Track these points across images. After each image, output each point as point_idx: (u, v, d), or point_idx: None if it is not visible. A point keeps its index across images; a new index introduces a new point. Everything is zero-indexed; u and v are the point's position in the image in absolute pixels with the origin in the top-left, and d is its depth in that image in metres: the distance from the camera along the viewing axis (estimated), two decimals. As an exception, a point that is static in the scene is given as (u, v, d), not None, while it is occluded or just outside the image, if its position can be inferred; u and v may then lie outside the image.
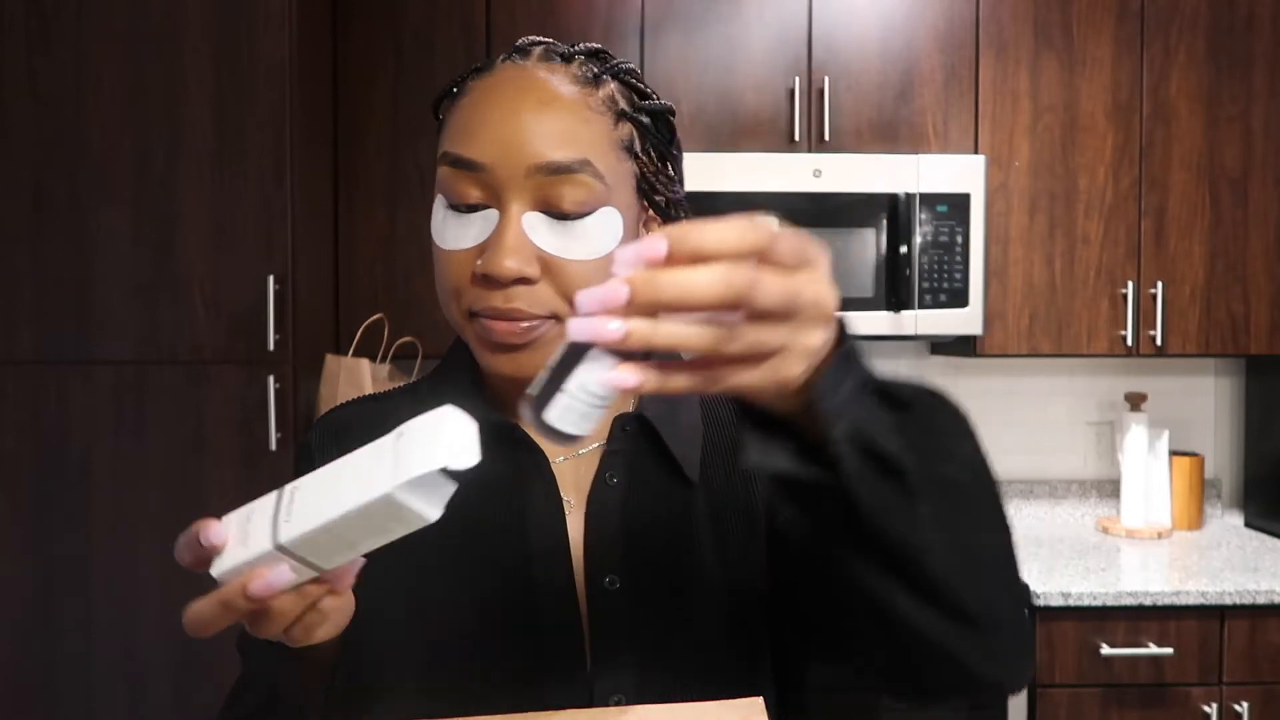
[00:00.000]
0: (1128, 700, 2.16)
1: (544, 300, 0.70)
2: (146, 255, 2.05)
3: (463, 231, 0.71)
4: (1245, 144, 2.50)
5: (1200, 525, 2.76)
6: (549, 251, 0.70)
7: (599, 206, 0.71)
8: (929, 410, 0.58)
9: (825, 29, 2.46)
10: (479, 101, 0.72)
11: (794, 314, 0.50)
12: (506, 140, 0.69)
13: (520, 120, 0.69)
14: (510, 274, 0.68)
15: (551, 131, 0.69)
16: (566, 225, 0.70)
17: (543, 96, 0.70)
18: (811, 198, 2.37)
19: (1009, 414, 2.84)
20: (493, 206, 0.70)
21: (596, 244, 0.70)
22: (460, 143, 0.71)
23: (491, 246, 0.69)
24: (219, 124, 2.06)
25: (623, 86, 0.75)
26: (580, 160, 0.69)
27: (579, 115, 0.71)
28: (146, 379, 2.05)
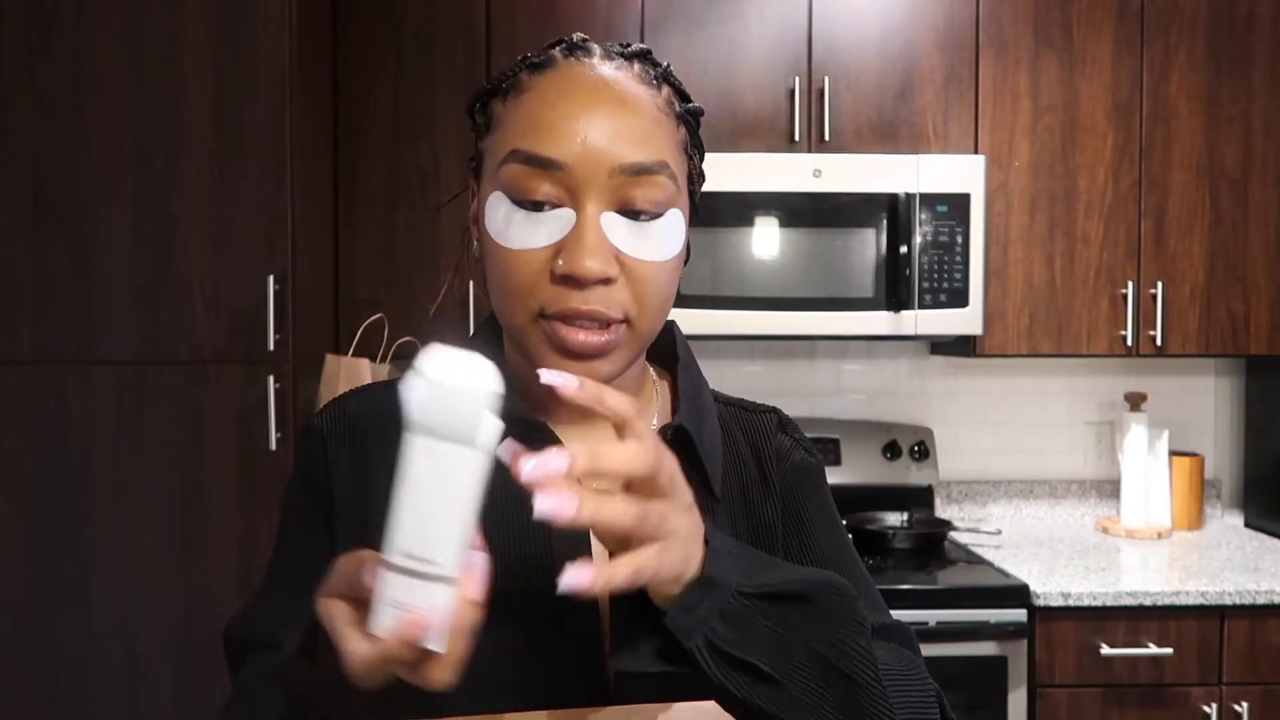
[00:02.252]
0: (1128, 700, 2.16)
1: (620, 301, 0.70)
2: (146, 255, 2.05)
3: (533, 230, 0.70)
4: (1245, 144, 2.50)
5: (1200, 525, 2.76)
6: (625, 252, 0.70)
7: (671, 207, 0.72)
8: (802, 614, 0.65)
9: (825, 29, 2.46)
10: (550, 98, 0.70)
11: (656, 538, 0.59)
12: (588, 139, 0.68)
13: (601, 118, 0.69)
14: (595, 274, 0.67)
15: (632, 131, 0.69)
16: (641, 226, 0.70)
17: (621, 96, 0.70)
18: (811, 198, 2.37)
19: (1009, 414, 2.84)
20: (567, 205, 0.69)
21: (668, 244, 0.72)
22: (535, 140, 0.69)
23: (572, 246, 0.68)
24: (219, 124, 2.06)
25: (672, 90, 0.76)
26: (660, 161, 0.70)
27: (653, 116, 0.71)
28: (146, 379, 2.05)
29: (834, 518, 0.86)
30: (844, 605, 0.67)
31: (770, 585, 0.64)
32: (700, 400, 0.81)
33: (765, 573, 0.65)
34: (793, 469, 0.84)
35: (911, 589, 2.17)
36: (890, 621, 0.84)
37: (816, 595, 0.66)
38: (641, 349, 0.74)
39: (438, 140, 2.43)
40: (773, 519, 0.82)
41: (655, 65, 0.75)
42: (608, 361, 0.71)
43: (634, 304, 0.70)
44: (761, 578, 0.64)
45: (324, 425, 0.80)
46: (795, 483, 0.84)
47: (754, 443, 0.84)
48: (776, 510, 0.82)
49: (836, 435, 2.71)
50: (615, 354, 0.71)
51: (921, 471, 2.71)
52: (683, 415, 0.78)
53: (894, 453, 2.70)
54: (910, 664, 0.79)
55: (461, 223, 0.83)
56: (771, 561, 0.68)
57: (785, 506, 0.82)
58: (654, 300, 0.71)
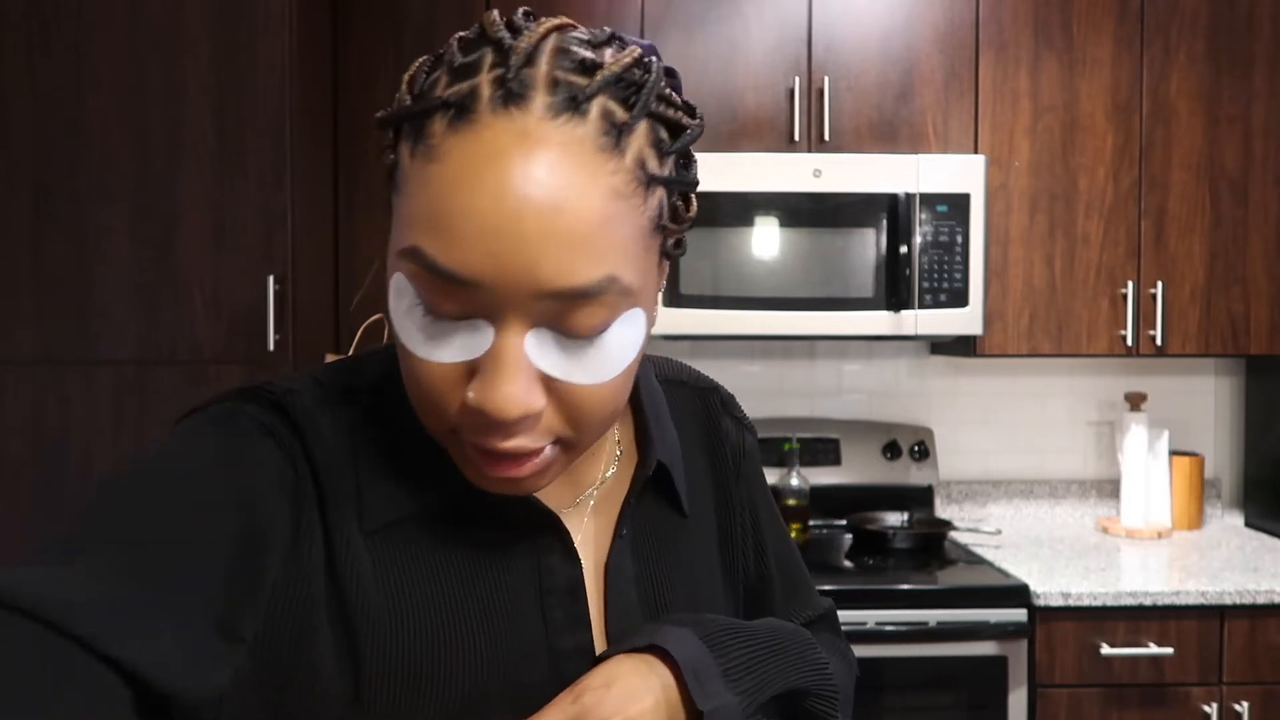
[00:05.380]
0: (1128, 700, 2.16)
1: (549, 428, 0.57)
2: (146, 255, 2.05)
3: (442, 340, 0.55)
4: (1245, 144, 2.50)
5: (1200, 525, 2.76)
6: (557, 376, 0.56)
7: (620, 316, 0.56)
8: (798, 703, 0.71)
9: (825, 29, 2.46)
10: (461, 182, 0.52)
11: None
12: (505, 256, 0.51)
13: (525, 229, 0.51)
14: (513, 414, 0.54)
15: (567, 246, 0.52)
16: (580, 344, 0.55)
17: (555, 190, 0.51)
18: (811, 198, 2.37)
19: (1009, 414, 2.85)
20: (484, 319, 0.54)
21: (616, 360, 0.57)
22: (440, 245, 0.52)
23: (487, 376, 0.54)
24: (219, 124, 2.06)
25: (654, 126, 0.57)
26: (604, 280, 0.53)
27: (604, 214, 0.53)
28: (146, 379, 2.05)
29: (772, 500, 0.87)
30: (822, 680, 0.72)
31: (769, 694, 0.68)
32: (659, 410, 0.75)
33: (752, 675, 0.68)
34: (745, 460, 0.82)
35: (911, 589, 2.17)
36: (822, 607, 0.88)
37: (803, 684, 0.71)
38: (585, 450, 0.62)
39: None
40: (733, 516, 0.81)
41: (633, 90, 0.55)
42: (540, 480, 0.60)
43: (569, 428, 0.58)
44: (755, 685, 0.67)
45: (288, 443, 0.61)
46: (747, 474, 0.83)
47: (705, 430, 0.80)
48: (735, 505, 0.81)
49: (836, 435, 2.71)
50: (549, 473, 0.60)
51: (921, 471, 2.71)
52: (658, 447, 0.72)
53: (894, 453, 2.70)
54: (838, 654, 0.83)
55: None
56: (747, 641, 0.70)
57: (741, 502, 0.82)
58: (595, 420, 0.58)
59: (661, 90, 0.57)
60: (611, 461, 0.72)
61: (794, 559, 0.86)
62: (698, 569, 0.76)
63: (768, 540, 0.83)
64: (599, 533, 0.71)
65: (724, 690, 0.64)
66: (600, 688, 0.62)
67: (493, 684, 0.63)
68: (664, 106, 0.57)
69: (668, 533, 0.74)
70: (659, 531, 0.73)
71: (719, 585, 0.78)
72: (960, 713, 2.14)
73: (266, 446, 0.60)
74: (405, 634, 0.61)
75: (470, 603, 0.63)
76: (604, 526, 0.71)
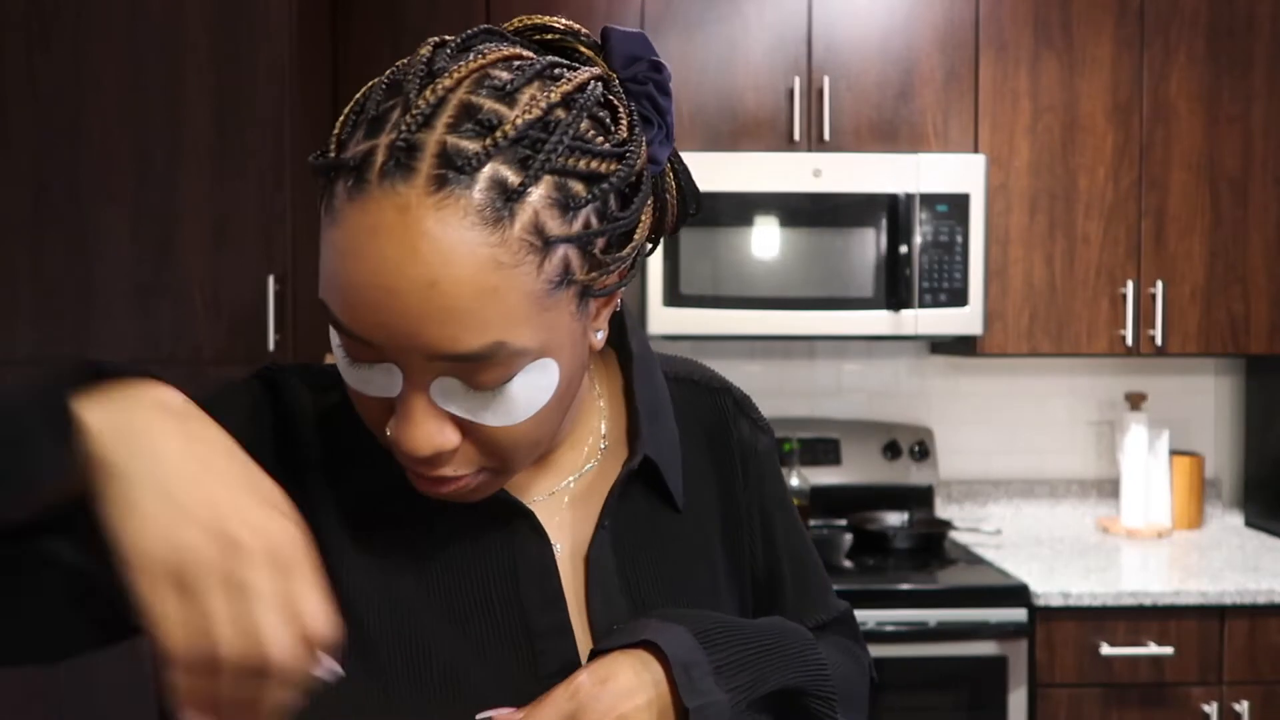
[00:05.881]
0: (1128, 700, 2.16)
1: (470, 459, 0.60)
2: (146, 255, 2.05)
3: (364, 380, 0.58)
4: (1245, 144, 2.50)
5: (1200, 525, 2.76)
6: (467, 418, 0.58)
7: (521, 369, 0.57)
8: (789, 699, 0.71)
9: (825, 29, 2.46)
10: (350, 252, 0.54)
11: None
12: (389, 325, 0.54)
13: (404, 303, 0.53)
14: (422, 453, 0.57)
15: (446, 318, 0.54)
16: (485, 394, 0.57)
17: (432, 268, 0.53)
18: (811, 198, 2.37)
19: (1009, 414, 2.85)
20: (393, 364, 0.57)
21: (522, 406, 0.58)
22: (336, 304, 0.56)
23: (399, 418, 0.58)
24: (219, 124, 2.06)
25: (559, 181, 0.56)
26: (489, 346, 0.55)
27: (483, 286, 0.54)
28: (146, 379, 2.05)
29: (791, 502, 0.86)
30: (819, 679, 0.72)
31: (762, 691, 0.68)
32: (657, 402, 0.76)
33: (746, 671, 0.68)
34: (758, 461, 0.83)
35: (911, 589, 2.17)
36: (838, 610, 0.87)
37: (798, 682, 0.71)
38: (524, 469, 0.65)
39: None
40: (741, 514, 0.81)
41: (532, 148, 0.55)
42: (479, 494, 0.63)
43: (490, 459, 0.61)
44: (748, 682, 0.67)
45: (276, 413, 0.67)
46: (762, 475, 0.83)
47: (714, 430, 0.81)
48: (744, 506, 0.81)
49: (836, 435, 2.71)
50: (486, 488, 0.63)
51: (921, 471, 2.71)
52: (645, 443, 0.72)
53: (894, 453, 2.70)
54: (848, 656, 0.83)
55: None
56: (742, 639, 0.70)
57: (753, 503, 0.82)
58: (515, 453, 0.61)
59: (576, 140, 0.56)
60: (593, 454, 0.74)
61: (809, 561, 0.86)
62: (689, 565, 0.76)
63: (780, 540, 0.83)
64: (581, 523, 0.72)
65: (714, 688, 0.65)
66: (596, 684, 0.62)
67: (470, 662, 0.65)
68: (575, 158, 0.56)
69: (656, 527, 0.74)
70: (646, 526, 0.74)
71: (718, 583, 0.78)
72: (960, 713, 2.14)
73: (250, 415, 0.66)
74: (379, 611, 0.64)
75: (443, 582, 0.66)
76: (587, 517, 0.72)
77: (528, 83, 0.56)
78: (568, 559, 0.71)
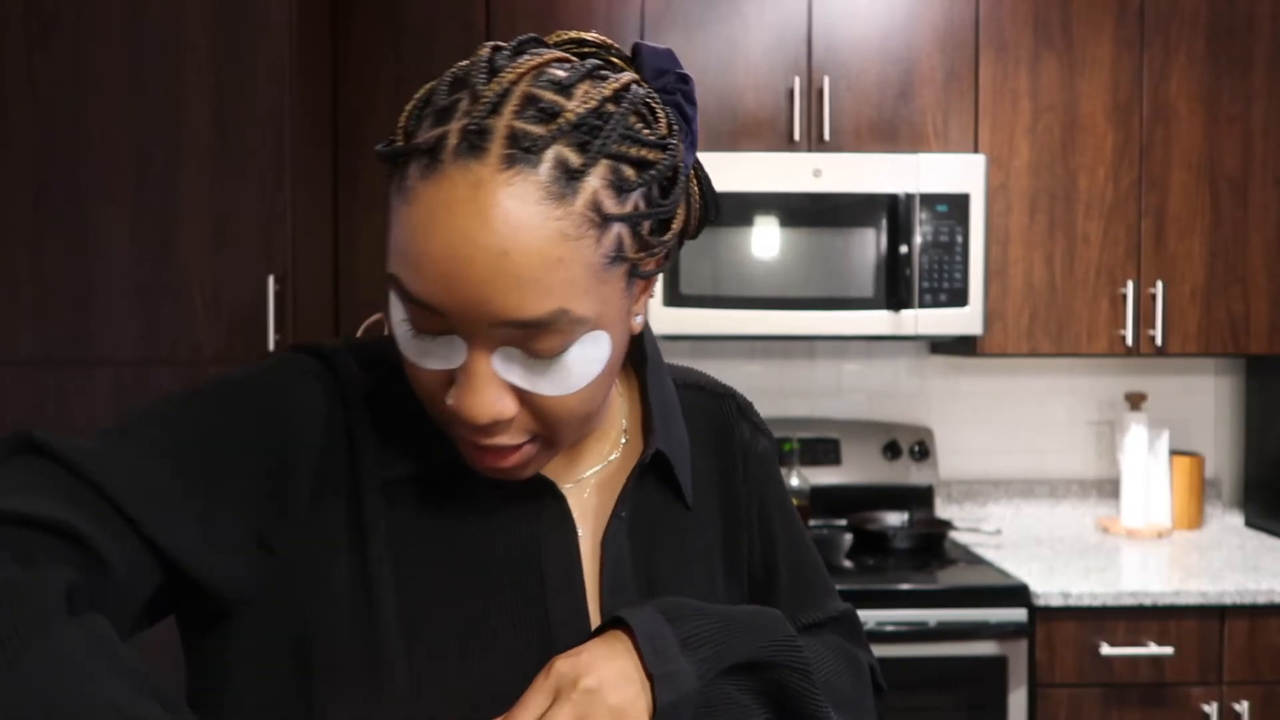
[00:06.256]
0: (1128, 700, 2.16)
1: (524, 427, 0.64)
2: (146, 255, 2.05)
3: (425, 351, 0.63)
4: (1245, 144, 2.50)
5: (1200, 525, 2.76)
6: (525, 387, 0.62)
7: (580, 339, 0.62)
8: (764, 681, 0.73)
9: (825, 29, 2.46)
10: (424, 225, 0.58)
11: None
12: (460, 291, 0.58)
13: (475, 270, 0.58)
14: (482, 420, 0.61)
15: (515, 284, 0.58)
16: (543, 362, 0.62)
17: (503, 236, 0.57)
18: (811, 198, 2.37)
19: (1009, 414, 2.85)
20: (457, 335, 0.61)
21: (578, 376, 0.63)
22: (409, 276, 0.60)
23: (461, 386, 0.62)
24: (219, 124, 2.06)
25: (614, 165, 0.61)
26: (553, 313, 0.59)
27: (550, 255, 0.58)
28: (146, 379, 2.05)
29: (790, 504, 0.89)
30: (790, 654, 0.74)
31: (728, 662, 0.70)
32: (668, 404, 0.80)
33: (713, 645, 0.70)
34: (758, 462, 0.86)
35: (911, 589, 2.17)
36: (838, 609, 0.88)
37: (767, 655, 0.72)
38: (571, 444, 0.70)
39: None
40: (740, 514, 0.84)
41: (591, 135, 0.60)
42: (529, 469, 0.67)
43: (544, 428, 0.65)
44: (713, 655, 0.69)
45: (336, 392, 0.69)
46: (760, 476, 0.86)
47: (718, 433, 0.84)
48: (744, 505, 0.84)
49: (836, 435, 2.71)
50: (535, 463, 0.67)
51: (921, 471, 2.71)
52: (660, 438, 0.76)
53: (894, 453, 2.70)
54: (842, 652, 0.84)
55: None
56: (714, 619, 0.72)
57: (752, 502, 0.85)
58: (568, 422, 0.65)
59: (627, 130, 0.61)
60: (615, 446, 0.78)
61: (808, 561, 0.88)
62: (694, 560, 0.79)
63: (778, 540, 0.86)
64: (598, 511, 0.75)
65: (679, 657, 0.67)
66: (569, 659, 0.66)
67: (487, 642, 0.68)
68: (627, 145, 0.61)
69: (667, 521, 0.78)
70: (657, 518, 0.78)
71: (718, 580, 0.80)
72: (960, 713, 2.14)
73: (312, 389, 0.68)
74: (406, 582, 0.67)
75: (469, 558, 0.69)
76: (603, 506, 0.76)
77: (580, 80, 0.62)
78: (588, 545, 0.74)
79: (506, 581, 0.70)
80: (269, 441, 0.65)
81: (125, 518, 0.59)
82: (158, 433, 0.63)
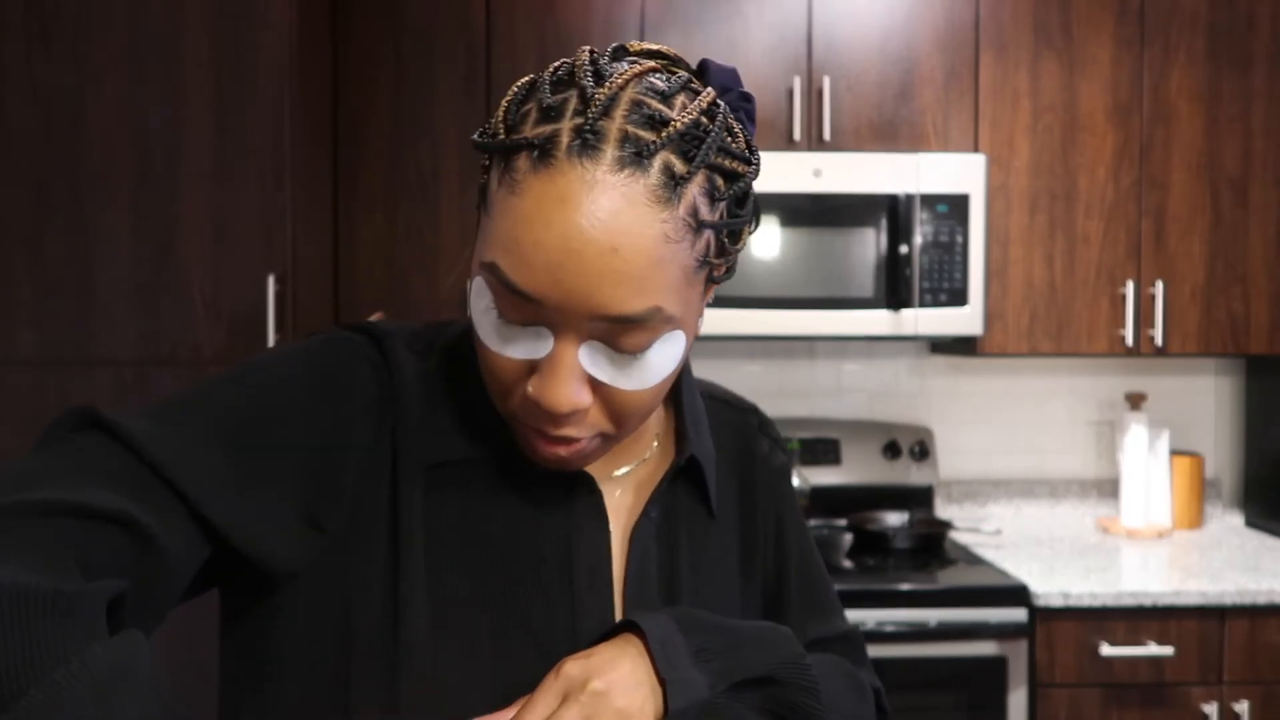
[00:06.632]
0: (1128, 700, 2.16)
1: (594, 423, 0.67)
2: (146, 255, 2.05)
3: (510, 339, 0.65)
4: (1245, 144, 2.50)
5: (1200, 525, 2.76)
6: (605, 381, 0.65)
7: (662, 336, 0.65)
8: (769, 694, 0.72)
9: (825, 29, 2.46)
10: (535, 217, 0.61)
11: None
12: (565, 284, 0.61)
13: (584, 263, 0.60)
14: (563, 409, 0.64)
15: (621, 282, 0.61)
16: (626, 357, 0.65)
17: (613, 234, 0.60)
18: (811, 198, 2.37)
19: (1009, 414, 2.85)
20: (546, 327, 0.64)
21: (655, 371, 0.66)
22: (513, 266, 0.62)
23: (545, 375, 0.64)
24: (219, 124, 2.06)
25: (710, 175, 0.65)
26: (650, 310, 0.62)
27: (653, 255, 0.61)
28: (146, 379, 2.05)
29: (803, 520, 0.91)
30: (799, 673, 0.73)
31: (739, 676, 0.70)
32: (698, 414, 0.82)
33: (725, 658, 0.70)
34: (774, 476, 0.88)
35: (911, 589, 2.17)
36: (843, 629, 0.89)
37: (777, 673, 0.72)
38: (628, 436, 0.72)
39: (438, 140, 2.43)
40: (756, 525, 0.85)
41: (694, 145, 0.63)
42: (583, 462, 0.70)
43: (611, 424, 0.67)
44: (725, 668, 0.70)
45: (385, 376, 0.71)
46: (776, 491, 0.88)
47: (740, 446, 0.87)
48: (760, 516, 0.86)
49: (836, 435, 2.71)
50: (591, 456, 0.70)
51: (921, 471, 2.71)
52: (693, 444, 0.79)
53: (894, 453, 2.70)
54: (846, 673, 0.84)
55: (462, 224, 0.84)
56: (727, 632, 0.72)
57: (767, 515, 0.86)
58: (635, 416, 0.68)
59: (722, 142, 0.65)
60: (649, 449, 0.80)
61: (818, 577, 0.89)
62: (714, 567, 0.80)
63: (791, 553, 0.87)
64: (629, 510, 0.77)
65: (691, 666, 0.68)
66: (580, 660, 0.66)
67: (511, 625, 0.70)
68: (722, 157, 0.65)
69: (693, 527, 0.80)
70: (684, 523, 0.79)
71: (735, 589, 0.82)
72: (960, 713, 2.14)
73: (363, 371, 0.70)
74: (436, 568, 0.69)
75: (501, 547, 0.71)
76: (634, 505, 0.78)
77: (678, 91, 0.65)
78: (616, 542, 0.76)
79: (536, 571, 0.71)
80: (320, 422, 0.67)
81: (179, 494, 0.61)
82: (212, 411, 0.65)
